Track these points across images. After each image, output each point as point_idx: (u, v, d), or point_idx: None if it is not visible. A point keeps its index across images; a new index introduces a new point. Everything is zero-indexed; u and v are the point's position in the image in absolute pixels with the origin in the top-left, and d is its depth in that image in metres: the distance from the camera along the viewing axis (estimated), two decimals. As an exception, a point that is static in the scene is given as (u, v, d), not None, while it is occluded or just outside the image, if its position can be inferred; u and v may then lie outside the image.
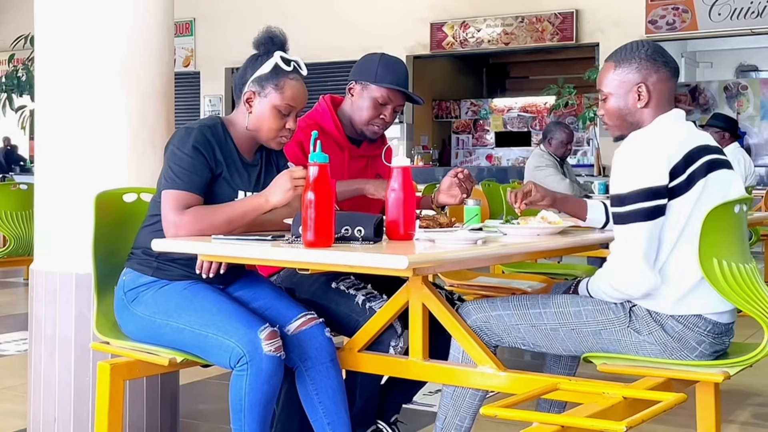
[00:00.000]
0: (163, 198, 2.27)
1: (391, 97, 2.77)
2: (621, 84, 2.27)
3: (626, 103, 2.26)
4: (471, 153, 15.33)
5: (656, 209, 2.10)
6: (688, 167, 2.12)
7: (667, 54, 2.30)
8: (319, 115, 2.83)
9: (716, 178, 2.17)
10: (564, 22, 12.21)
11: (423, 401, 3.42)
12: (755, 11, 11.31)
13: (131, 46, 2.83)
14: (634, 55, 2.26)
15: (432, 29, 12.93)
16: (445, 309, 2.27)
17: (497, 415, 1.81)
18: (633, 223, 2.11)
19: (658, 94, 2.25)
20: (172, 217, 2.24)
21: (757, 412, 3.52)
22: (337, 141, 2.80)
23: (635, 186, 2.10)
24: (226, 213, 2.26)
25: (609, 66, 2.30)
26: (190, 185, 2.27)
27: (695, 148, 2.16)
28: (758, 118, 13.99)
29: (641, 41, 2.33)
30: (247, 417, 2.18)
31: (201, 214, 2.24)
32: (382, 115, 2.78)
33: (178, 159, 2.28)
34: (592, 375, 2.23)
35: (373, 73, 2.76)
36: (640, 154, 2.14)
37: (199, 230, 2.23)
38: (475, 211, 2.55)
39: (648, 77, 2.25)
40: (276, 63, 2.36)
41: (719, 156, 2.23)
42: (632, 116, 2.26)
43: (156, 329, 2.30)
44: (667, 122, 2.24)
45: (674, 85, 2.30)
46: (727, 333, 2.21)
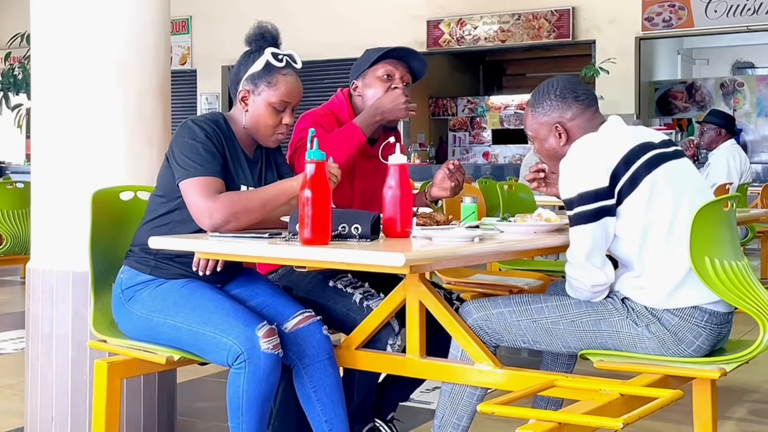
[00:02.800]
0: (186, 188, 2.24)
1: (390, 67, 2.71)
2: (540, 126, 2.37)
3: (550, 143, 2.37)
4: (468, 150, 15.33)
5: (600, 211, 2.17)
6: (630, 167, 2.18)
7: (578, 87, 2.36)
8: (337, 107, 2.78)
9: (665, 170, 2.21)
10: (560, 20, 12.21)
11: (420, 398, 3.42)
12: (751, 8, 11.33)
13: (128, 44, 2.83)
14: (545, 97, 2.36)
15: (429, 27, 12.93)
16: (442, 306, 2.27)
17: (494, 412, 1.81)
18: (577, 225, 2.20)
19: (575, 129, 2.33)
20: (204, 203, 2.21)
21: (754, 408, 3.52)
22: None
23: (577, 190, 2.19)
24: (260, 196, 2.26)
25: (527, 111, 2.41)
26: (212, 170, 2.26)
27: (636, 147, 2.21)
28: (754, 114, 14.01)
29: (553, 80, 2.39)
30: (244, 415, 2.18)
31: (235, 198, 2.23)
32: (394, 85, 2.71)
33: (193, 148, 2.27)
34: (589, 372, 2.24)
35: (366, 62, 2.75)
36: (580, 161, 2.23)
37: (233, 213, 2.20)
38: (472, 209, 2.55)
39: (563, 115, 2.33)
40: (267, 60, 2.36)
41: (665, 149, 2.28)
42: (559, 154, 2.34)
43: (153, 327, 2.30)
44: (609, 128, 2.31)
45: (593, 113, 2.35)
46: (726, 323, 2.23)
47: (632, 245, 2.20)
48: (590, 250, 2.19)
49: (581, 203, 2.18)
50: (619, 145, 2.22)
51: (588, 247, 2.19)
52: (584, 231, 2.19)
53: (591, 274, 2.21)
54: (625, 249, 2.23)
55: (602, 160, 2.20)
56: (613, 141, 2.24)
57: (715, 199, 2.15)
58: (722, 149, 6.12)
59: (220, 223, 2.20)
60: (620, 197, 2.18)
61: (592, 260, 2.20)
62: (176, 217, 2.33)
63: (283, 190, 2.26)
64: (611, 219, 2.19)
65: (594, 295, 2.25)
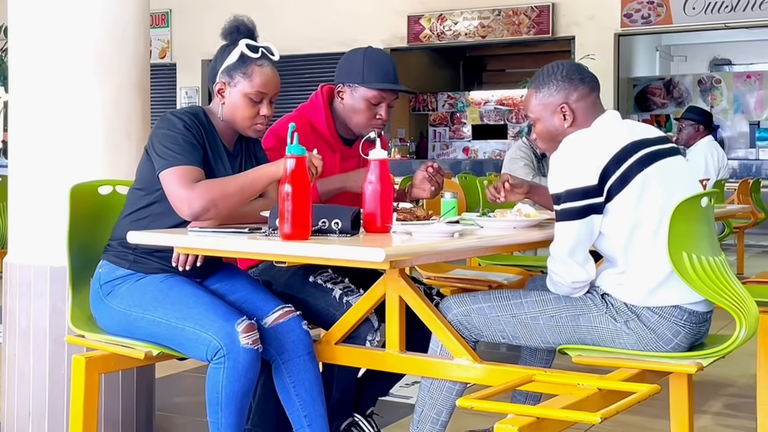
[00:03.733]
0: (166, 178, 2.23)
1: (383, 95, 2.70)
2: (545, 107, 2.36)
3: (553, 124, 2.36)
4: (448, 146, 15.36)
5: (587, 208, 2.18)
6: (621, 165, 2.18)
7: (584, 70, 2.38)
8: (313, 112, 2.75)
9: (658, 168, 2.21)
10: (540, 16, 12.25)
11: (399, 393, 3.43)
12: (729, 6, 11.42)
13: (106, 37, 2.81)
14: (551, 78, 2.35)
15: (409, 22, 12.93)
16: (422, 301, 2.27)
17: (474, 407, 1.81)
18: (563, 221, 2.20)
19: (581, 110, 2.33)
20: (183, 192, 2.20)
21: (730, 402, 3.56)
22: (328, 142, 2.73)
23: (566, 186, 2.19)
24: (237, 181, 2.24)
25: (531, 92, 2.40)
26: (191, 159, 2.25)
27: (628, 145, 2.21)
28: (731, 111, 14.14)
29: (557, 63, 2.40)
30: (223, 410, 2.17)
31: (212, 185, 2.21)
32: (378, 115, 2.70)
33: (173, 138, 2.26)
34: (567, 366, 2.25)
35: (360, 74, 2.69)
36: (571, 157, 2.23)
37: (212, 200, 2.18)
38: (452, 204, 2.56)
39: (568, 96, 2.33)
40: (242, 51, 2.35)
41: (661, 146, 2.28)
42: (562, 136, 2.33)
43: (132, 322, 2.29)
44: (603, 124, 2.31)
45: (597, 97, 2.37)
46: (705, 322, 2.24)
47: (618, 242, 2.21)
48: (574, 247, 2.20)
49: (569, 200, 2.18)
50: (610, 143, 2.21)
51: (572, 244, 2.20)
52: (569, 227, 2.19)
53: (572, 270, 2.22)
54: (610, 246, 2.24)
55: (593, 157, 2.19)
56: (605, 138, 2.24)
57: (694, 195, 2.16)
58: (700, 145, 6.16)
59: (200, 211, 2.19)
60: (610, 195, 2.18)
61: (575, 257, 2.21)
62: (155, 210, 2.32)
63: (261, 174, 2.24)
64: (597, 217, 2.19)
65: (573, 291, 2.26)
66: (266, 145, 2.63)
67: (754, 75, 14.21)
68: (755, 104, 14.03)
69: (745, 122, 14.14)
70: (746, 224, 7.17)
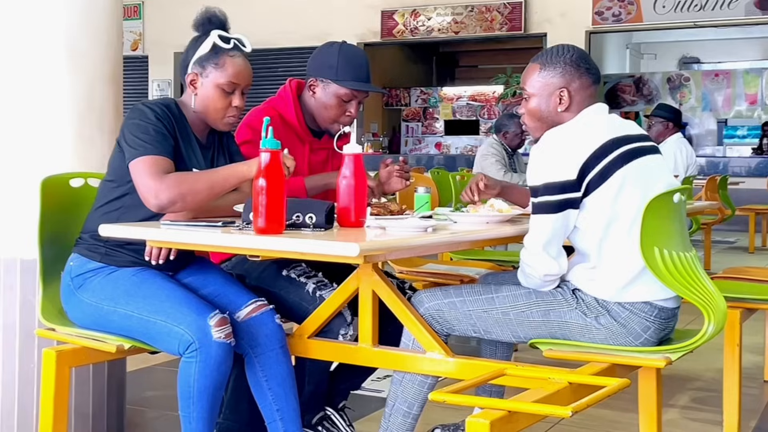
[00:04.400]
0: (135, 167, 2.21)
1: (355, 93, 2.71)
2: (544, 86, 2.34)
3: (547, 105, 2.34)
4: (420, 141, 15.39)
5: (563, 203, 2.19)
6: (601, 161, 2.19)
7: (591, 61, 2.37)
8: (282, 104, 2.76)
9: (638, 165, 2.23)
10: (513, 12, 12.30)
11: (371, 387, 3.44)
12: (698, 4, 11.54)
13: (79, 29, 2.78)
14: (560, 59, 2.33)
15: (383, 17, 12.93)
16: (395, 295, 2.28)
17: (446, 400, 1.83)
18: (540, 214, 2.21)
19: (578, 99, 2.32)
20: (151, 182, 2.18)
21: (696, 396, 3.61)
22: (298, 134, 2.74)
23: (544, 180, 2.20)
24: (208, 178, 2.22)
25: (534, 67, 2.37)
26: (161, 150, 2.23)
27: (609, 141, 2.21)
28: (699, 109, 14.30)
29: (568, 46, 2.38)
30: (195, 404, 2.17)
31: (182, 178, 2.19)
32: (348, 111, 2.72)
33: (143, 128, 2.24)
34: (538, 360, 2.27)
35: (333, 70, 2.69)
36: (552, 150, 2.23)
37: (180, 194, 2.17)
38: (426, 199, 2.57)
39: (571, 82, 2.31)
40: (214, 42, 2.34)
41: (642, 143, 2.29)
42: (552, 119, 2.33)
43: (103, 316, 2.28)
44: (587, 117, 2.30)
45: (595, 91, 2.36)
46: (673, 317, 2.28)
47: (593, 237, 2.22)
48: (548, 240, 2.21)
49: (546, 193, 2.19)
50: (591, 139, 2.21)
51: (547, 237, 2.21)
52: (545, 220, 2.20)
53: (545, 263, 2.23)
54: (585, 240, 2.25)
55: (573, 152, 2.20)
56: (586, 134, 2.24)
57: (666, 191, 2.18)
58: (669, 142, 6.23)
59: (166, 204, 2.18)
60: (588, 190, 2.19)
61: (549, 250, 2.22)
62: (127, 202, 2.31)
63: (232, 173, 2.23)
64: (573, 212, 2.20)
65: (544, 284, 2.28)
66: (241, 138, 2.62)
67: (722, 73, 14.39)
68: (723, 102, 14.21)
69: (713, 120, 14.32)
70: (713, 221, 7.26)
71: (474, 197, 2.65)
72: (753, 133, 13.79)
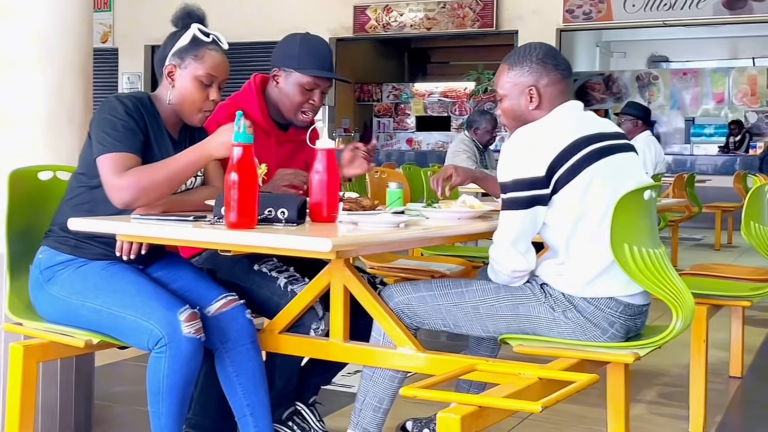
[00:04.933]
0: (101, 163, 2.21)
1: (317, 82, 2.71)
2: (514, 86, 2.36)
3: (519, 104, 2.36)
4: (392, 136, 15.40)
5: (532, 199, 2.20)
6: (570, 158, 2.20)
7: (558, 56, 2.38)
8: (245, 99, 2.76)
9: (608, 163, 2.24)
10: (484, 9, 12.34)
11: (342, 382, 3.44)
12: (667, 3, 11.66)
13: (49, 20, 2.75)
14: (527, 58, 2.35)
15: (355, 12, 12.91)
16: (366, 291, 2.29)
17: (417, 396, 1.83)
18: (508, 210, 2.23)
19: (548, 96, 2.33)
20: (114, 180, 2.18)
21: (663, 391, 3.65)
22: (262, 127, 2.73)
23: (513, 176, 2.21)
24: (167, 167, 2.21)
25: (504, 68, 2.39)
26: (127, 146, 2.22)
27: (580, 139, 2.23)
28: (668, 107, 14.46)
29: (535, 44, 2.40)
30: (165, 399, 2.15)
31: (140, 173, 2.19)
32: (311, 100, 2.72)
33: (111, 123, 2.23)
34: (508, 356, 2.29)
35: (295, 59, 2.70)
36: (521, 147, 2.24)
37: (141, 189, 2.17)
38: (398, 195, 2.57)
39: (539, 80, 2.33)
40: (194, 34, 2.35)
41: (616, 141, 2.31)
42: (525, 117, 2.35)
43: (72, 310, 2.26)
44: (559, 114, 2.32)
45: (567, 86, 2.38)
46: (641, 314, 2.30)
47: (562, 234, 2.24)
48: (517, 237, 2.23)
49: (515, 189, 2.20)
50: (562, 137, 2.23)
51: (515, 233, 2.23)
52: (514, 217, 2.22)
53: (513, 259, 2.25)
54: (554, 236, 2.27)
55: (542, 150, 2.21)
56: (556, 131, 2.25)
57: (637, 188, 2.20)
58: (638, 140, 6.28)
59: (130, 201, 2.18)
60: (556, 187, 2.20)
61: (517, 246, 2.24)
62: (97, 196, 2.29)
63: (194, 159, 2.22)
64: (542, 208, 2.22)
65: (513, 280, 2.30)
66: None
67: (691, 72, 14.56)
68: (691, 101, 14.38)
69: (681, 118, 14.49)
70: (681, 218, 7.35)
71: (439, 188, 2.67)
72: (720, 132, 13.97)
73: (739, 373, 3.82)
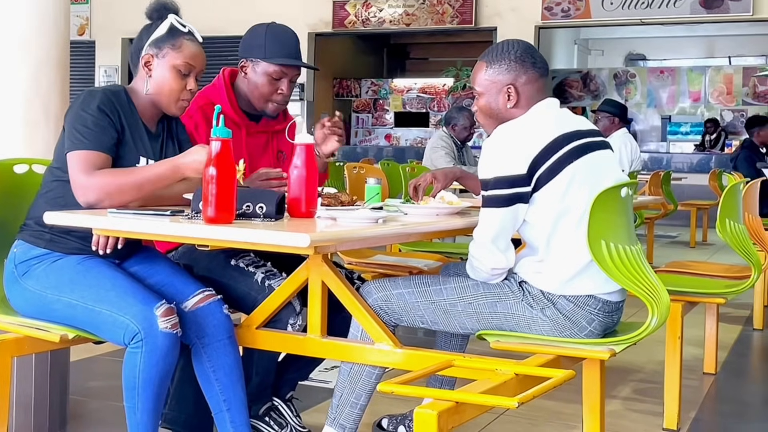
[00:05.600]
0: (70, 160, 2.20)
1: (285, 71, 2.71)
2: (491, 84, 2.35)
3: (497, 102, 2.35)
4: (370, 132, 15.39)
5: (513, 197, 2.20)
6: (551, 156, 2.21)
7: (536, 54, 2.38)
8: (214, 92, 2.75)
9: (587, 161, 2.25)
10: (464, 6, 12.36)
11: (319, 378, 3.44)
12: (645, 2, 11.73)
13: (25, 12, 2.72)
14: (505, 56, 2.34)
15: (334, 7, 12.88)
16: (344, 287, 2.29)
17: (394, 391, 1.84)
18: (489, 207, 2.23)
19: (526, 94, 2.33)
20: (80, 179, 2.18)
21: (638, 387, 3.68)
22: (231, 119, 2.72)
23: (494, 173, 2.21)
24: (136, 175, 2.21)
25: (481, 65, 2.38)
26: (97, 144, 2.21)
27: (561, 137, 2.24)
28: (644, 105, 14.56)
29: (513, 41, 2.39)
30: (140, 394, 2.14)
31: (110, 178, 2.18)
32: (279, 89, 2.72)
33: (83, 120, 2.22)
34: (485, 352, 2.29)
35: (262, 49, 2.70)
36: (502, 145, 2.24)
37: (107, 194, 2.16)
38: (376, 190, 2.58)
39: (517, 78, 2.32)
40: (171, 23, 2.34)
41: (593, 139, 2.32)
42: (502, 115, 2.35)
43: (47, 304, 2.24)
44: (538, 112, 2.32)
45: (544, 84, 2.38)
46: (618, 311, 2.32)
47: (542, 232, 2.25)
48: (497, 234, 2.23)
49: (496, 187, 2.21)
50: (542, 134, 2.23)
51: (495, 231, 2.23)
52: (495, 214, 2.22)
53: (493, 256, 2.25)
54: (534, 234, 2.27)
55: (524, 147, 2.21)
56: (537, 129, 2.25)
57: (614, 185, 2.21)
58: (615, 137, 6.31)
59: (93, 202, 2.18)
60: (537, 185, 2.20)
61: (497, 243, 2.24)
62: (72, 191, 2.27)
63: (165, 175, 2.21)
64: (523, 206, 2.22)
65: (492, 278, 2.30)
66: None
67: (667, 71, 14.67)
68: (667, 99, 14.49)
69: (657, 116, 14.60)
70: (656, 215, 7.41)
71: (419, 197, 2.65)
72: (696, 130, 14.09)
73: (713, 369, 3.86)
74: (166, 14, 2.36)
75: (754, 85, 13.75)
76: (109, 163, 2.22)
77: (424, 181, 2.70)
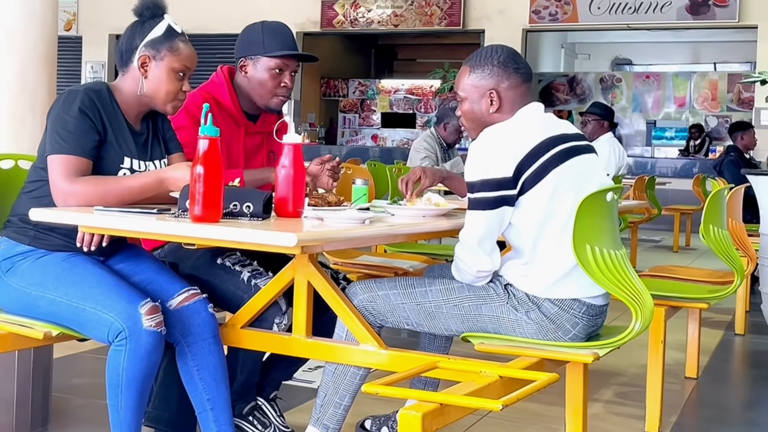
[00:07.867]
0: (51, 163, 2.20)
1: (286, 62, 2.74)
2: (474, 89, 2.36)
3: (479, 107, 2.36)
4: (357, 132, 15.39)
5: (499, 200, 2.21)
6: (537, 160, 2.22)
7: (519, 60, 2.39)
8: (216, 88, 2.77)
9: (573, 165, 2.27)
10: (452, 8, 12.38)
11: (303, 377, 3.44)
12: (632, 7, 11.80)
13: (13, 6, 2.71)
14: (488, 61, 2.35)
15: (323, 7, 12.87)
16: (330, 287, 2.29)
17: (379, 392, 1.84)
18: (475, 210, 2.24)
19: (509, 99, 2.34)
20: (63, 185, 2.17)
21: (620, 391, 3.70)
22: (233, 116, 2.75)
23: (481, 176, 2.22)
24: (120, 185, 2.21)
25: (465, 70, 2.40)
26: (78, 149, 2.20)
27: (547, 140, 2.25)
28: (630, 109, 14.64)
29: (497, 47, 2.41)
30: (124, 392, 2.14)
31: (92, 189, 2.18)
32: (283, 82, 2.75)
33: (63, 122, 2.21)
34: (469, 354, 2.30)
35: (260, 45, 2.73)
36: (489, 148, 2.25)
37: (87, 202, 2.16)
38: (363, 191, 2.58)
39: (500, 83, 2.34)
40: (169, 25, 2.34)
41: (578, 143, 2.33)
42: (485, 120, 2.36)
43: (31, 301, 2.23)
44: (524, 116, 2.33)
45: (527, 89, 2.39)
46: (601, 314, 2.33)
47: (528, 235, 2.26)
48: (483, 236, 2.24)
49: (483, 189, 2.21)
50: (529, 138, 2.24)
51: (481, 233, 2.24)
52: (481, 217, 2.23)
53: (479, 259, 2.26)
54: (519, 237, 2.28)
55: (510, 150, 2.22)
56: (523, 132, 2.26)
57: (599, 190, 2.22)
58: (602, 140, 6.33)
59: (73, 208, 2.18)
60: (523, 188, 2.21)
61: (483, 246, 2.25)
62: (56, 190, 2.26)
63: (148, 187, 2.21)
64: (509, 209, 2.23)
65: (477, 280, 2.31)
66: (178, 123, 2.59)
67: (653, 75, 14.75)
68: (653, 104, 14.57)
69: (643, 121, 14.68)
70: (641, 219, 7.44)
71: (407, 192, 2.67)
72: (680, 135, 14.17)
73: (695, 374, 3.88)
74: (156, 12, 2.35)
75: (738, 91, 13.85)
76: (89, 168, 2.22)
77: (413, 175, 2.72)
